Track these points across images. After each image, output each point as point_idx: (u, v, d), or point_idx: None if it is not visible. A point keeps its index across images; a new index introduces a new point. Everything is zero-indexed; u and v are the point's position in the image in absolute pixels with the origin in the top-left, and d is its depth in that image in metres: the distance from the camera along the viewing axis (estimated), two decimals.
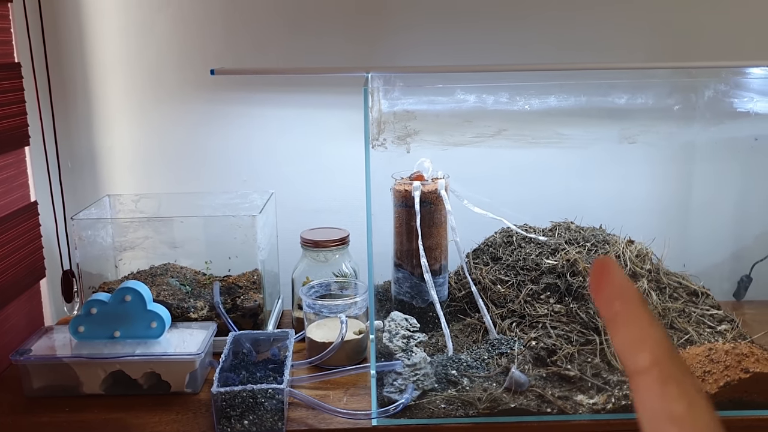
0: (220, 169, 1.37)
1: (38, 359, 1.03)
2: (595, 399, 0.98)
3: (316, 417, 0.98)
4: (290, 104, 1.34)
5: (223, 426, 0.94)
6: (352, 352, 1.14)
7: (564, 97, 1.13)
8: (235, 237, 1.18)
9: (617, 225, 1.23)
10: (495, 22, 1.29)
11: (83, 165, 1.35)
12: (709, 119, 1.14)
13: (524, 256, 1.20)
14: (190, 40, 1.30)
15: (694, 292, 1.18)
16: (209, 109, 1.34)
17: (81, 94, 1.32)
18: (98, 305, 1.06)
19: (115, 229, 1.23)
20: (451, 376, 1.02)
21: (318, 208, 1.37)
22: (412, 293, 1.17)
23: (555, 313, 1.11)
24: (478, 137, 1.05)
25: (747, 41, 1.30)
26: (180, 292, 1.20)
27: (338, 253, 1.25)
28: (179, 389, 1.05)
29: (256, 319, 1.20)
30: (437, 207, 1.14)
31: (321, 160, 1.36)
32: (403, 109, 0.99)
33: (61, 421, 0.99)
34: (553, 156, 1.29)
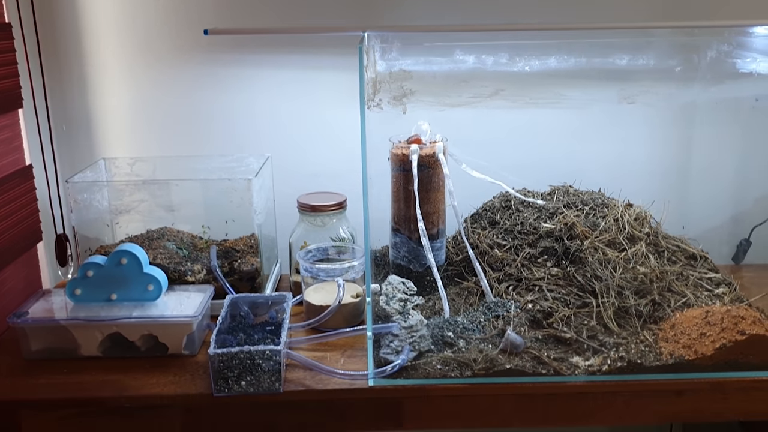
0: (216, 132, 1.35)
1: (35, 322, 1.03)
2: (590, 361, 0.98)
3: (313, 378, 0.98)
4: (286, 66, 1.32)
5: (221, 387, 0.95)
6: (349, 315, 1.14)
7: (564, 57, 1.11)
8: (231, 201, 1.17)
9: (616, 188, 1.22)
10: None
11: (78, 128, 1.34)
12: (711, 80, 1.13)
13: (522, 220, 1.19)
14: (184, 1, 1.28)
15: (693, 255, 1.18)
16: (204, 71, 1.32)
17: (74, 56, 1.31)
18: (94, 268, 1.06)
19: (111, 192, 1.22)
20: (447, 338, 1.02)
21: (315, 172, 1.36)
22: (410, 257, 1.17)
23: (552, 277, 1.11)
24: (476, 98, 1.04)
25: None
26: (177, 255, 1.20)
27: (335, 218, 1.24)
28: (176, 351, 1.05)
29: (254, 283, 1.20)
30: (435, 171, 1.13)
31: (318, 123, 1.35)
32: (399, 68, 0.97)
33: (60, 382, 0.99)
34: (552, 118, 1.28)
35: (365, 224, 0.96)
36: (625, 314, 1.04)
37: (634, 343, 1.00)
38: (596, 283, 1.06)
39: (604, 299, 1.04)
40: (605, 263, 1.09)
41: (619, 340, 1.00)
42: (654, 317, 1.04)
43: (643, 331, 1.02)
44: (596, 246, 1.11)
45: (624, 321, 1.04)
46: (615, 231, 1.13)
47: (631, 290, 1.06)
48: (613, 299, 1.04)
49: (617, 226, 1.14)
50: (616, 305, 1.04)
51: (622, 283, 1.06)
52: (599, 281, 1.06)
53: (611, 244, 1.12)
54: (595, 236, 1.12)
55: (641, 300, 1.05)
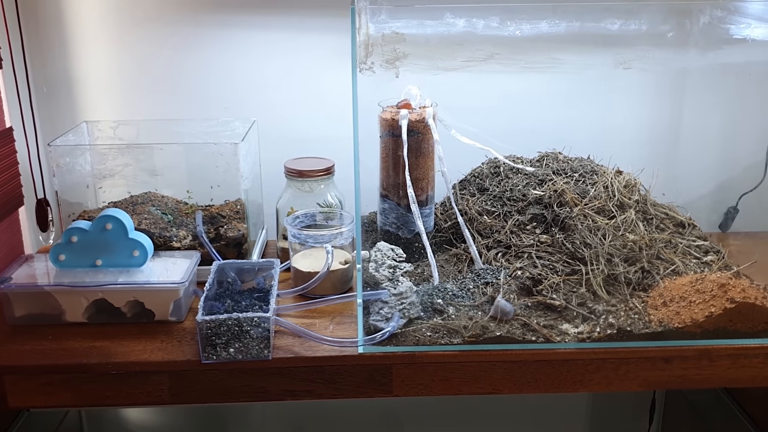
0: (201, 96, 1.33)
1: (19, 287, 1.02)
2: (580, 328, 0.98)
3: (302, 345, 0.97)
4: (274, 27, 1.29)
5: (209, 354, 0.94)
6: (338, 281, 1.13)
7: (556, 22, 1.09)
8: (217, 165, 1.15)
9: (605, 155, 1.22)
10: None
11: (59, 90, 1.31)
12: (703, 46, 1.11)
13: (511, 187, 1.18)
14: None
15: (681, 223, 1.18)
16: (189, 33, 1.29)
17: (54, 16, 1.27)
18: (79, 233, 1.04)
19: (94, 156, 1.20)
20: (436, 305, 1.02)
21: (302, 138, 1.34)
22: (398, 224, 1.16)
23: (541, 244, 1.11)
24: (470, 61, 1.02)
25: None
26: (162, 221, 1.18)
27: (323, 183, 1.23)
28: (163, 318, 1.04)
29: (240, 249, 1.18)
30: (425, 136, 1.12)
31: (305, 87, 1.32)
32: (392, 30, 0.95)
33: (45, 348, 0.98)
34: (545, 83, 1.26)
35: (356, 191, 0.95)
36: (614, 282, 1.04)
37: (623, 311, 1.00)
38: (585, 251, 1.06)
39: (593, 266, 1.04)
40: (595, 230, 1.08)
41: (609, 307, 1.00)
42: (643, 285, 1.05)
43: (633, 299, 1.02)
44: (585, 213, 1.11)
45: (613, 288, 1.04)
46: (604, 198, 1.13)
47: (621, 257, 1.06)
48: (602, 266, 1.04)
49: (606, 193, 1.14)
50: (606, 273, 1.04)
51: (611, 251, 1.06)
52: (588, 248, 1.06)
53: (600, 212, 1.12)
54: (585, 203, 1.12)
55: (630, 267, 1.05)
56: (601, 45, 1.12)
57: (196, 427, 1.58)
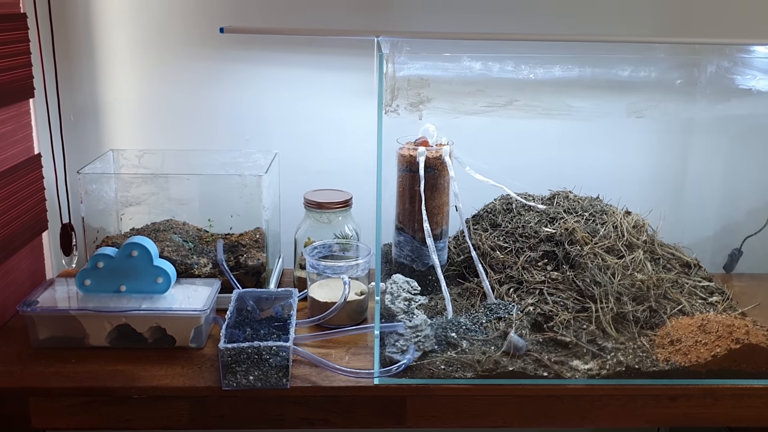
0: (223, 127, 1.37)
1: (45, 311, 1.05)
2: (590, 365, 1.01)
3: (319, 374, 1.00)
4: (295, 64, 1.34)
5: (229, 381, 0.97)
6: (354, 312, 1.16)
7: (569, 67, 1.14)
8: (240, 196, 1.19)
9: (615, 196, 1.25)
10: None
11: (86, 118, 1.35)
12: (711, 95, 1.16)
13: (523, 224, 1.22)
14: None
15: (687, 263, 1.21)
16: (213, 67, 1.33)
17: (85, 47, 1.31)
18: (105, 259, 1.07)
19: (119, 183, 1.23)
20: (450, 338, 1.05)
21: (320, 170, 1.37)
22: (413, 257, 1.19)
23: (552, 281, 1.14)
24: (490, 107, 1.06)
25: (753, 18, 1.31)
26: (183, 248, 1.22)
27: (341, 215, 1.26)
28: (184, 344, 1.07)
29: (259, 278, 1.21)
30: (441, 173, 1.16)
31: (325, 121, 1.36)
32: (417, 75, 0.99)
33: (69, 371, 1.00)
34: (558, 127, 1.30)
35: (377, 224, 0.98)
36: (622, 320, 1.08)
37: (631, 349, 1.03)
38: (595, 289, 1.09)
39: (602, 304, 1.07)
40: (604, 269, 1.12)
41: (618, 345, 1.03)
42: (651, 323, 1.08)
43: (641, 337, 1.05)
44: (596, 252, 1.14)
45: (622, 326, 1.07)
46: (614, 238, 1.16)
47: (629, 296, 1.09)
48: (611, 305, 1.07)
49: (616, 232, 1.17)
50: (615, 311, 1.07)
51: (620, 289, 1.09)
52: (598, 287, 1.09)
53: (610, 251, 1.15)
54: (595, 242, 1.15)
55: (639, 306, 1.09)
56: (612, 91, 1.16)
57: None
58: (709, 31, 1.28)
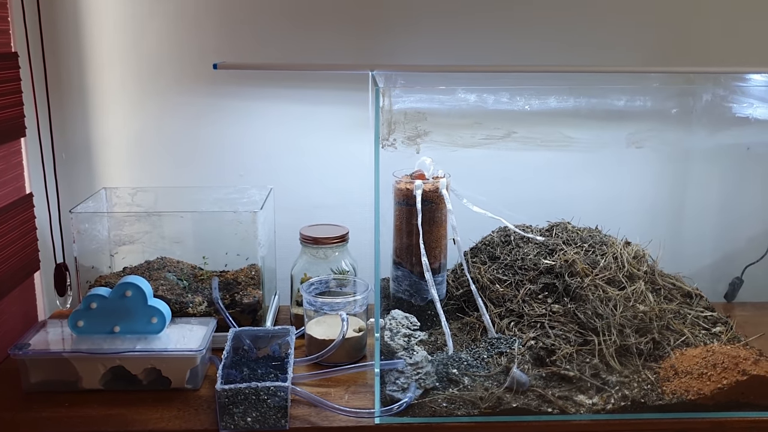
0: (217, 163, 1.36)
1: (37, 354, 1.02)
2: (594, 399, 0.99)
3: (318, 414, 0.98)
4: (289, 99, 1.33)
5: (227, 423, 0.94)
6: (352, 349, 1.14)
7: (564, 98, 1.14)
8: (235, 233, 1.17)
9: (614, 226, 1.24)
10: (496, 22, 1.29)
11: (78, 157, 1.34)
12: (707, 124, 1.16)
13: (522, 256, 1.20)
14: (188, 34, 1.29)
15: (688, 293, 1.20)
16: (206, 103, 1.33)
17: (76, 86, 1.30)
18: (98, 300, 1.05)
19: (112, 222, 1.22)
20: (452, 375, 1.03)
21: (315, 204, 1.36)
22: (411, 291, 1.18)
23: (553, 313, 1.12)
24: (488, 139, 1.06)
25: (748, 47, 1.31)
26: (177, 287, 1.20)
27: (338, 250, 1.25)
28: (179, 385, 1.04)
29: (255, 315, 1.19)
30: (438, 206, 1.15)
31: (320, 155, 1.36)
32: (413, 108, 0.99)
33: (62, 416, 0.98)
34: (556, 159, 1.30)
35: (376, 259, 0.96)
36: (626, 352, 1.06)
37: (636, 382, 1.01)
38: (597, 321, 1.08)
39: (605, 337, 1.06)
40: (606, 301, 1.10)
41: (622, 378, 1.01)
42: (654, 355, 1.06)
43: (645, 370, 1.03)
44: (596, 283, 1.13)
45: (625, 359, 1.05)
46: (614, 269, 1.15)
47: (632, 328, 1.08)
48: (614, 337, 1.06)
49: (616, 264, 1.16)
50: (618, 343, 1.06)
51: (622, 321, 1.08)
52: (600, 319, 1.08)
53: (611, 282, 1.14)
54: (595, 274, 1.14)
55: (642, 338, 1.07)
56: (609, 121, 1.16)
57: None
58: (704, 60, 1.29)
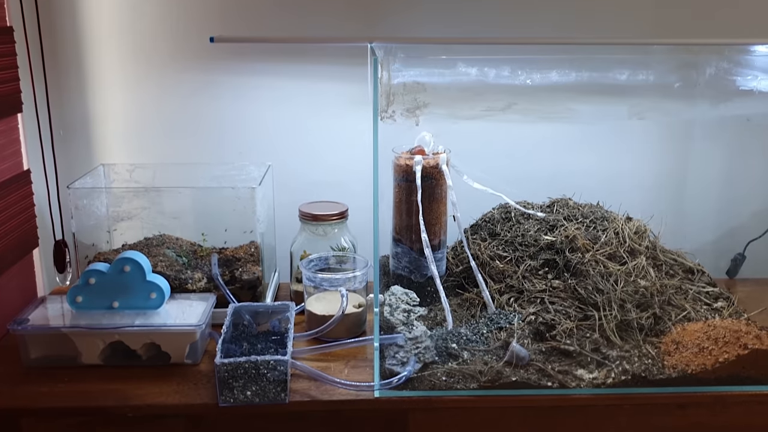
0: (215, 140, 1.35)
1: (36, 329, 1.02)
2: (595, 374, 0.98)
3: (318, 388, 0.98)
4: (288, 75, 1.32)
5: (226, 397, 0.94)
6: (352, 325, 1.14)
7: (566, 72, 1.12)
8: (234, 209, 1.16)
9: (615, 202, 1.23)
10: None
11: (76, 133, 1.33)
12: (711, 97, 1.14)
13: (523, 232, 1.20)
14: (185, 8, 1.28)
15: (690, 269, 1.19)
16: (204, 78, 1.31)
17: (73, 61, 1.29)
18: (97, 275, 1.05)
19: (110, 198, 1.21)
20: (451, 349, 1.02)
21: (314, 181, 1.35)
22: (411, 268, 1.17)
23: (553, 289, 1.12)
24: (488, 111, 1.05)
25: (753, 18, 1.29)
26: (177, 263, 1.19)
27: (337, 227, 1.24)
28: (179, 360, 1.04)
29: (255, 292, 1.19)
30: (438, 182, 1.14)
31: (319, 132, 1.34)
32: (413, 80, 0.98)
33: (61, 391, 0.98)
34: (556, 132, 1.29)
35: (375, 235, 0.96)
36: (627, 327, 1.05)
37: (637, 357, 1.01)
38: (598, 296, 1.07)
39: (606, 312, 1.05)
40: (606, 276, 1.10)
41: (623, 353, 1.01)
42: (655, 330, 1.06)
43: (646, 345, 1.03)
44: (597, 259, 1.12)
45: (626, 334, 1.05)
46: (615, 244, 1.14)
47: (633, 303, 1.07)
48: (615, 312, 1.05)
49: (618, 239, 1.16)
50: (618, 318, 1.05)
51: (623, 296, 1.07)
52: (601, 294, 1.07)
53: (612, 257, 1.13)
54: (596, 249, 1.13)
55: (642, 313, 1.06)
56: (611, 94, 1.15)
57: None
58: (707, 32, 1.27)
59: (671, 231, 1.21)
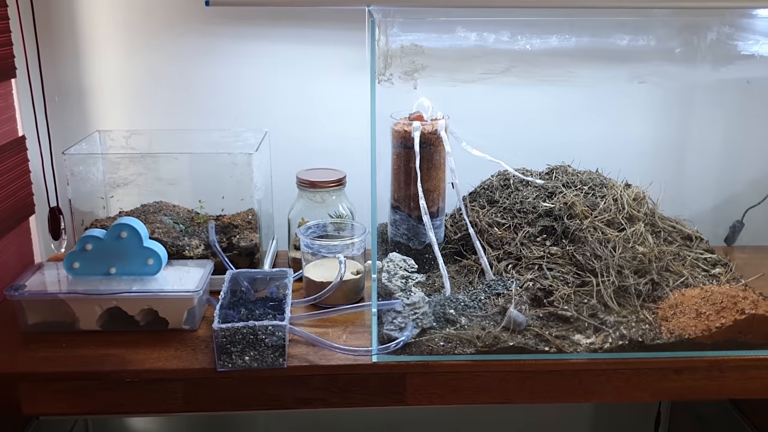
0: (212, 106, 1.33)
1: (33, 295, 1.02)
2: (592, 339, 0.99)
3: (316, 353, 0.98)
4: (284, 39, 1.30)
5: (224, 362, 0.94)
6: (350, 292, 1.14)
7: (566, 37, 1.11)
8: (231, 175, 1.16)
9: (614, 169, 1.23)
10: None
11: (70, 100, 1.31)
12: (712, 61, 1.13)
13: (521, 200, 1.19)
14: None
15: (688, 236, 1.19)
16: (201, 43, 1.30)
17: (67, 25, 1.28)
18: (93, 241, 1.04)
19: (107, 165, 1.20)
20: (449, 315, 1.02)
21: (312, 148, 1.35)
22: (409, 235, 1.17)
23: (551, 255, 1.11)
24: (487, 74, 1.03)
25: None
26: (174, 230, 1.19)
27: (335, 194, 1.24)
28: (177, 326, 1.04)
29: (253, 259, 1.19)
30: (436, 148, 1.13)
31: (317, 98, 1.33)
32: (411, 42, 0.97)
33: (59, 356, 0.98)
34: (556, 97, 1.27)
35: (372, 201, 0.96)
36: (624, 293, 1.05)
37: (634, 322, 1.01)
38: (596, 263, 1.07)
39: (603, 278, 1.05)
40: (605, 242, 1.10)
41: (620, 318, 1.01)
42: (653, 296, 1.06)
43: (643, 310, 1.03)
44: (596, 225, 1.12)
45: (624, 300, 1.05)
46: (614, 211, 1.14)
47: (631, 270, 1.07)
48: (612, 278, 1.05)
49: (616, 206, 1.15)
50: (616, 284, 1.05)
51: (621, 263, 1.07)
52: (599, 260, 1.07)
53: (610, 224, 1.13)
54: (595, 216, 1.13)
55: (640, 279, 1.06)
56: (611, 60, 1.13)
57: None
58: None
59: (670, 198, 1.21)
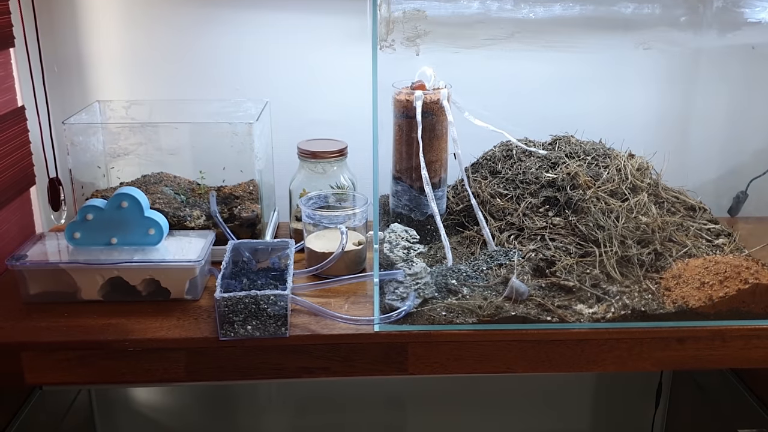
0: (212, 76, 1.32)
1: (35, 265, 1.02)
2: (594, 308, 0.99)
3: (318, 323, 0.98)
4: (286, 8, 1.29)
5: (226, 331, 0.94)
6: (351, 262, 1.14)
7: (570, 5, 1.10)
8: (231, 145, 1.15)
9: (617, 139, 1.22)
10: None
11: (70, 69, 1.30)
12: (717, 29, 1.12)
13: (524, 170, 1.19)
14: None
15: (692, 207, 1.18)
16: (201, 12, 1.28)
17: None
18: (94, 211, 1.04)
19: (107, 135, 1.20)
20: (451, 285, 1.02)
21: (313, 120, 1.34)
22: (411, 206, 1.16)
23: (554, 226, 1.11)
24: (490, 39, 1.02)
25: None
26: (175, 201, 1.18)
27: (336, 165, 1.23)
28: (179, 296, 1.04)
29: (254, 229, 1.18)
30: (439, 118, 1.12)
31: (318, 68, 1.32)
32: (413, 8, 0.95)
33: (61, 326, 0.98)
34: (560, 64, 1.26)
35: (374, 170, 0.95)
36: (627, 263, 1.05)
37: (637, 292, 1.00)
38: (599, 233, 1.07)
39: (606, 248, 1.05)
40: (608, 213, 1.09)
41: (623, 288, 1.01)
42: (656, 266, 1.05)
43: (646, 280, 1.02)
44: (599, 196, 1.11)
45: (626, 270, 1.04)
46: (617, 181, 1.13)
47: (634, 240, 1.07)
48: (615, 248, 1.05)
49: (619, 176, 1.14)
50: (619, 254, 1.05)
51: (624, 233, 1.07)
52: (602, 230, 1.07)
53: (613, 194, 1.12)
54: (598, 186, 1.12)
55: (644, 249, 1.06)
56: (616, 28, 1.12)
57: (203, 407, 1.59)
58: None
59: (674, 168, 1.20)
